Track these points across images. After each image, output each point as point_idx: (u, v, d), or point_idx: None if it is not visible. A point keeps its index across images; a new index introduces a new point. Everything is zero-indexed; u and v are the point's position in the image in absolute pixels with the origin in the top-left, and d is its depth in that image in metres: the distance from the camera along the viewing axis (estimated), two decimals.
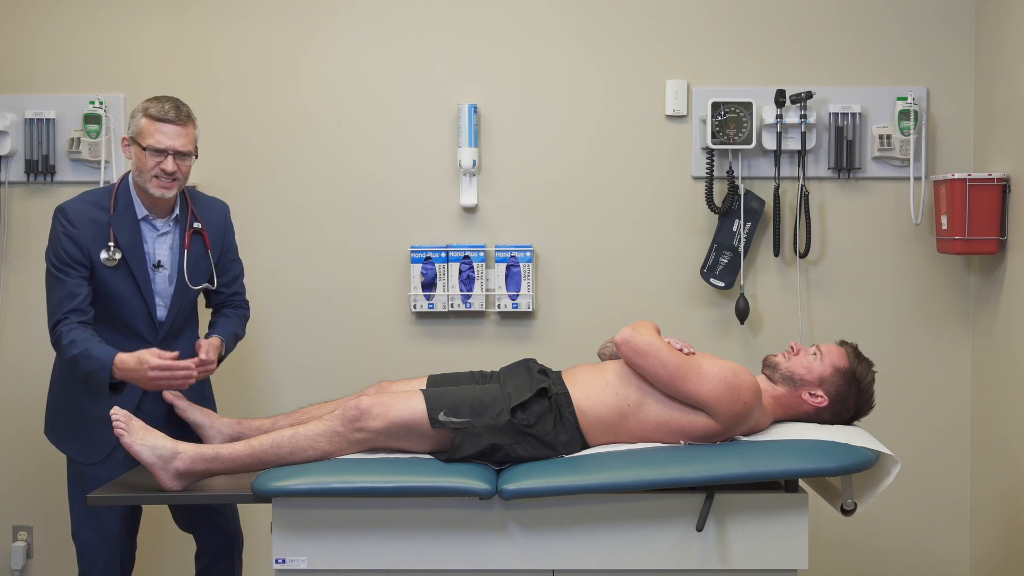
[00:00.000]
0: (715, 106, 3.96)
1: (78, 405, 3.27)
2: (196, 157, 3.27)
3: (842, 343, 3.07)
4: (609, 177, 4.08)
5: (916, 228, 4.02)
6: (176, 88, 3.90)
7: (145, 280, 3.24)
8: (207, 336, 3.37)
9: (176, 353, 3.09)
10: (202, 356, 3.19)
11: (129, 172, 3.28)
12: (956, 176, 3.77)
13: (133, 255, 3.23)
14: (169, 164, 3.17)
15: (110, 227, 3.21)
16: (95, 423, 3.21)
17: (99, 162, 4.03)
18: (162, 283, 3.29)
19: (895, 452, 2.93)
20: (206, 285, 3.37)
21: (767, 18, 4.04)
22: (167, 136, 3.16)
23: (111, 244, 3.20)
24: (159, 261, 3.28)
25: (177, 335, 3.35)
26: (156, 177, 3.18)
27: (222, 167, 4.08)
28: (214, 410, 3.41)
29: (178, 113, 3.19)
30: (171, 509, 3.47)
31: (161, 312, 3.29)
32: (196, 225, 3.33)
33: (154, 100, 3.21)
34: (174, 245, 3.31)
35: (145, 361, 3.04)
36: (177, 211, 3.31)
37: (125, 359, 3.07)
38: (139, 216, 3.25)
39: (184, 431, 3.15)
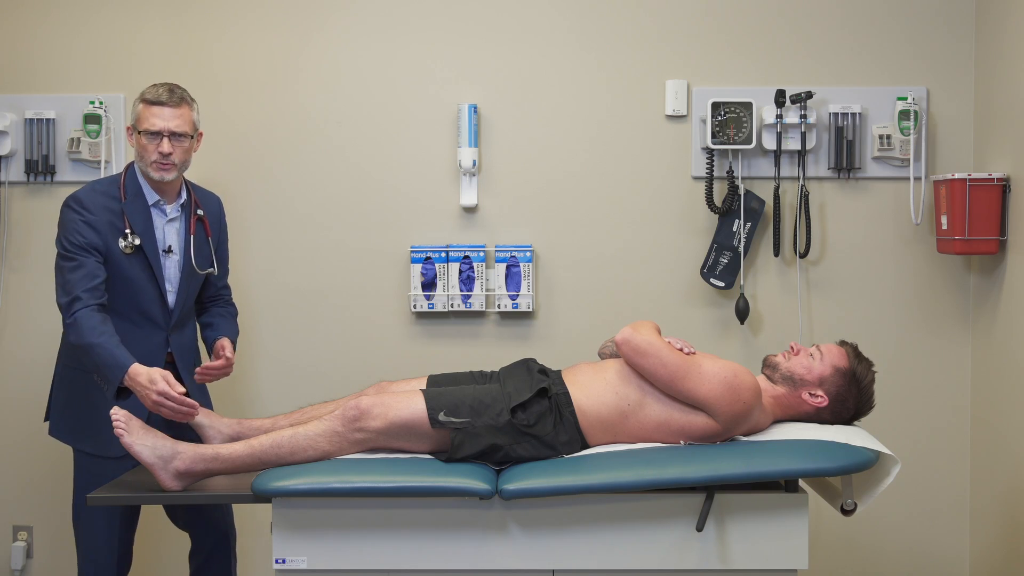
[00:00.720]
0: (715, 106, 3.96)
1: (94, 400, 3.26)
2: (196, 138, 3.32)
3: (842, 343, 3.08)
4: (609, 177, 4.08)
5: (916, 228, 4.02)
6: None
7: (158, 265, 3.28)
8: (211, 337, 3.42)
9: (183, 389, 3.03)
10: (228, 354, 3.30)
11: (133, 161, 3.33)
12: (956, 176, 3.77)
13: (147, 241, 3.26)
14: (165, 146, 3.21)
15: (123, 214, 3.24)
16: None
17: (99, 162, 4.03)
18: (172, 268, 3.33)
19: (895, 452, 2.93)
20: (210, 270, 3.42)
21: (767, 18, 4.04)
22: (161, 118, 3.22)
23: (128, 231, 3.23)
24: (169, 246, 3.32)
25: (184, 324, 3.39)
26: (155, 161, 3.22)
27: (222, 167, 4.08)
28: (212, 410, 3.43)
29: (171, 95, 3.24)
30: (166, 507, 3.48)
31: (171, 298, 3.32)
32: (199, 212, 3.39)
33: (151, 86, 3.28)
34: (181, 230, 3.35)
35: (155, 382, 2.99)
36: (184, 197, 3.36)
37: (139, 371, 3.01)
38: (150, 202, 3.30)
39: (184, 431, 3.15)
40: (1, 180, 4.11)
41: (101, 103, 4.04)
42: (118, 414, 2.88)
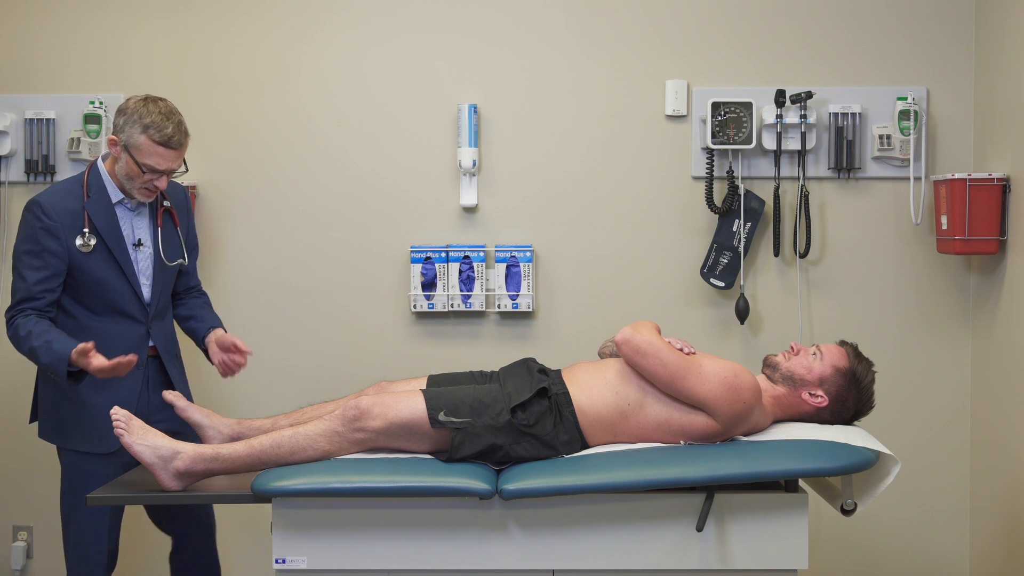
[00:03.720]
0: (715, 106, 3.96)
1: (80, 398, 3.27)
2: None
3: (842, 343, 3.07)
4: (609, 177, 4.08)
5: (916, 228, 4.03)
6: (176, 88, 3.91)
7: (127, 261, 3.28)
8: (199, 328, 3.44)
9: (106, 363, 3.08)
10: (242, 347, 3.30)
11: (98, 159, 3.31)
12: (956, 176, 3.77)
13: (111, 237, 3.26)
14: (163, 183, 3.22)
15: (85, 213, 3.24)
16: (101, 414, 3.22)
17: None
18: (145, 262, 3.33)
19: (895, 452, 2.93)
20: (180, 261, 3.41)
21: (767, 18, 4.04)
22: (166, 159, 3.19)
23: (86, 230, 3.23)
24: (139, 239, 3.32)
25: (163, 316, 3.41)
26: (145, 188, 3.23)
27: (222, 167, 4.08)
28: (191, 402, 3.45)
29: (179, 138, 3.19)
30: (148, 511, 3.48)
31: (147, 291, 3.32)
32: (166, 204, 3.38)
33: (155, 115, 3.17)
34: (150, 223, 3.36)
35: (89, 360, 3.07)
36: None
37: (76, 352, 3.10)
38: (114, 200, 3.29)
39: (184, 431, 3.16)
40: (1, 180, 4.11)
41: (101, 103, 4.04)
42: (118, 414, 2.89)
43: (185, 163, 3.27)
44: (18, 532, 4.19)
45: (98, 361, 3.06)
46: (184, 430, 3.13)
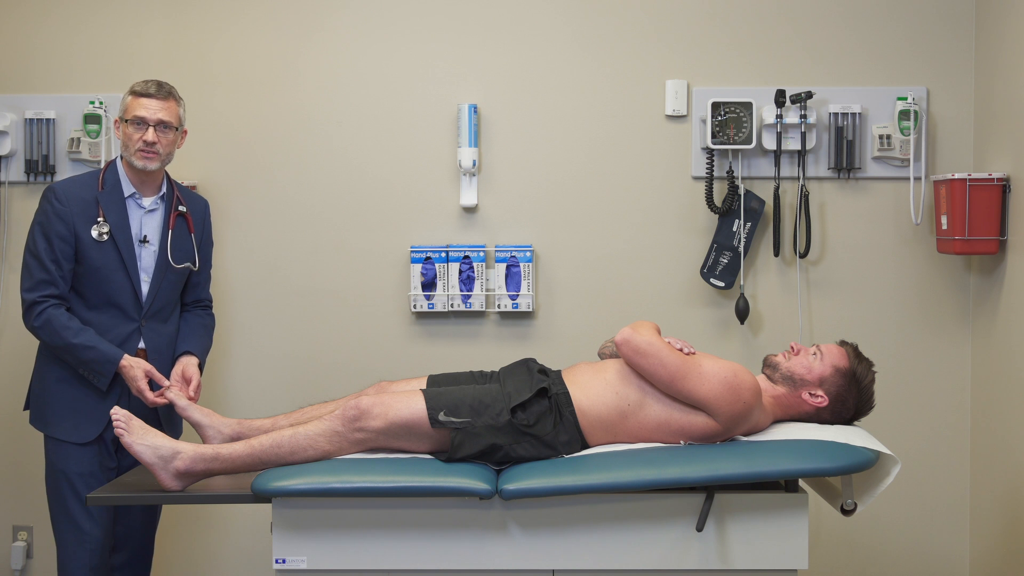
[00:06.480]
0: (715, 106, 3.96)
1: (63, 387, 3.34)
2: (180, 133, 3.40)
3: (842, 343, 3.08)
4: (609, 177, 4.08)
5: (916, 228, 4.03)
6: (176, 88, 3.91)
7: (130, 255, 3.33)
8: (182, 352, 3.44)
9: (167, 385, 3.28)
10: (192, 388, 3.34)
11: (118, 156, 3.41)
12: (956, 176, 3.77)
13: (119, 231, 3.32)
14: (150, 134, 3.30)
15: (98, 204, 3.31)
16: (80, 405, 3.31)
17: (99, 162, 4.03)
18: (148, 259, 3.38)
19: (895, 452, 2.94)
20: (188, 265, 3.45)
21: (767, 18, 4.04)
22: (148, 109, 3.31)
23: (100, 219, 3.30)
24: (145, 236, 3.36)
25: (163, 319, 3.41)
26: (140, 150, 3.31)
27: (222, 167, 4.08)
28: (180, 429, 3.47)
29: (159, 88, 3.35)
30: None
31: (145, 287, 3.36)
32: (181, 208, 3.44)
33: (141, 80, 3.39)
34: (161, 223, 3.40)
35: (135, 379, 3.23)
36: (164, 190, 3.42)
37: (129, 363, 3.24)
38: (126, 194, 3.36)
39: (184, 432, 3.17)
40: (1, 180, 4.11)
41: (101, 103, 4.04)
42: (118, 414, 2.89)
43: (182, 122, 3.39)
44: (18, 532, 4.19)
45: (148, 391, 3.24)
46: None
